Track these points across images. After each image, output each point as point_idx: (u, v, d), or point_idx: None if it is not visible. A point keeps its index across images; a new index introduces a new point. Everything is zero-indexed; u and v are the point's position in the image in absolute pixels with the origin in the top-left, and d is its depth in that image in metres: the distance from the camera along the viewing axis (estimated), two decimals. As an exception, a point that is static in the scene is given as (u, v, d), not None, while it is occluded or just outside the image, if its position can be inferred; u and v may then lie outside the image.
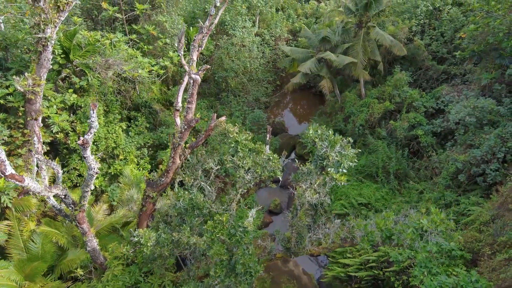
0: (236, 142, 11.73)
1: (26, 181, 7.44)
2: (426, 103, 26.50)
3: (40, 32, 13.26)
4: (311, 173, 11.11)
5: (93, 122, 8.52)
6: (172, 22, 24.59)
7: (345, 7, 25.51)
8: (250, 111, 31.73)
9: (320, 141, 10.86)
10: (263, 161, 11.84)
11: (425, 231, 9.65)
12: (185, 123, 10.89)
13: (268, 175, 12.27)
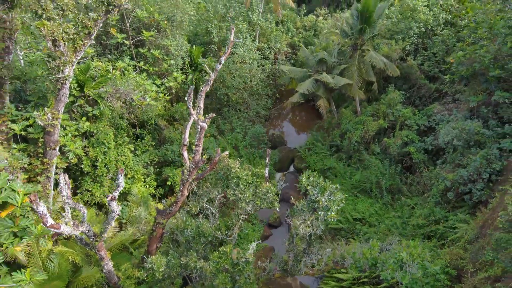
0: (238, 177, 12.97)
1: (62, 228, 8.72)
2: (418, 121, 27.80)
3: (59, 73, 14.57)
4: (304, 211, 12.39)
5: (120, 182, 9.86)
6: (176, 45, 25.88)
7: (341, 30, 26.81)
8: (251, 125, 33.03)
9: (312, 188, 12.16)
10: (262, 193, 13.10)
11: (404, 263, 10.92)
12: (193, 163, 12.16)
13: (267, 206, 13.53)
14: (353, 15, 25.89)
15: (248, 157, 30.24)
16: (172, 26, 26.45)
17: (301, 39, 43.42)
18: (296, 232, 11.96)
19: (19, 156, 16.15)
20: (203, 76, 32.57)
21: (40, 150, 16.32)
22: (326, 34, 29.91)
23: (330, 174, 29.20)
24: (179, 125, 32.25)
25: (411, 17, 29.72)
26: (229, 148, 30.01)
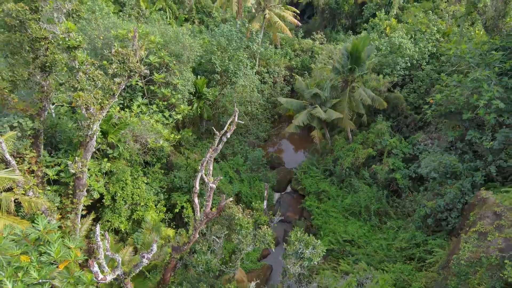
0: (240, 225, 15.55)
1: (108, 278, 11.33)
2: (404, 149, 30.46)
3: (89, 130, 17.26)
4: (293, 256, 15.02)
5: (153, 249, 12.65)
6: (183, 82, 28.55)
7: (333, 67, 29.49)
8: (251, 149, 35.67)
9: (298, 242, 14.78)
10: (261, 236, 15.70)
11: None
12: (204, 215, 14.77)
13: (264, 247, 16.15)
14: (343, 54, 28.56)
15: (249, 180, 32.88)
16: (180, 63, 29.13)
17: (299, 62, 46.07)
18: (287, 271, 14.60)
19: (52, 197, 18.87)
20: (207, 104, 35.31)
21: (70, 192, 18.99)
22: (320, 69, 32.57)
23: (324, 196, 31.84)
24: (185, 149, 34.96)
25: (398, 52, 32.35)
26: (231, 172, 32.66)
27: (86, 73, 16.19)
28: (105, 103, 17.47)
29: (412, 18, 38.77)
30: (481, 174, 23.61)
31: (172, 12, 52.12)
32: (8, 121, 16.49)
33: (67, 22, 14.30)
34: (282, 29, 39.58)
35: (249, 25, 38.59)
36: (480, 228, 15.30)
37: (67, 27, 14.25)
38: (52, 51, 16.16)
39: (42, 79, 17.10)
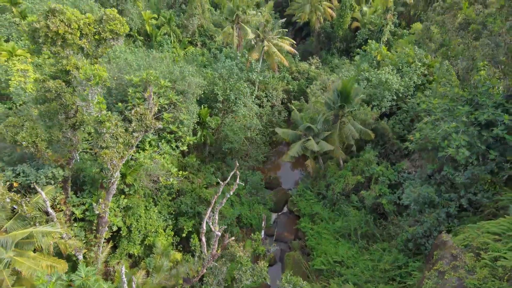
0: (241, 263, 18.41)
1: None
2: (390, 176, 33.40)
3: (111, 178, 20.25)
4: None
5: None
6: (189, 118, 31.51)
7: (326, 103, 32.46)
8: (251, 173, 38.62)
9: (288, 284, 17.68)
10: (258, 271, 18.61)
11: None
12: (210, 256, 17.62)
13: (261, 281, 19.08)
14: (334, 92, 31.53)
15: (249, 203, 35.84)
16: (185, 98, 32.11)
17: (295, 85, 49.00)
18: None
19: (78, 232, 21.89)
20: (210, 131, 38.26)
21: (94, 228, 22.00)
22: (314, 102, 35.52)
23: (317, 218, 34.79)
24: (190, 173, 37.88)
25: (386, 85, 35.28)
26: (232, 196, 35.57)
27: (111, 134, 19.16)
28: (125, 153, 20.48)
29: (400, 48, 41.72)
30: (455, 205, 26.53)
31: (176, 36, 55.12)
32: (44, 172, 19.45)
33: (100, 99, 17.27)
34: (280, 59, 42.52)
35: (249, 57, 41.58)
36: (439, 267, 18.19)
37: (100, 107, 17.21)
38: (81, 113, 19.18)
39: (72, 135, 20.10)
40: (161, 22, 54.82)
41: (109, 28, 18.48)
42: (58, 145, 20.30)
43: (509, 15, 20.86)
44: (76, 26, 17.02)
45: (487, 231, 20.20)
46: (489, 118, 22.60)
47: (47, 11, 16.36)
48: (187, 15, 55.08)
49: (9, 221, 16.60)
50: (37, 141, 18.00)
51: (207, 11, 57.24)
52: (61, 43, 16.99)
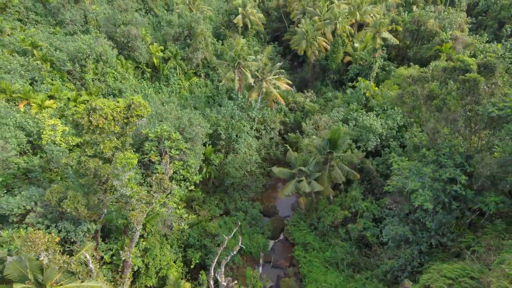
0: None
1: None
2: (374, 211, 37.75)
3: (135, 231, 24.63)
4: None
5: None
6: (196, 162, 35.84)
7: (317, 147, 36.82)
8: (250, 204, 42.98)
9: None
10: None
11: None
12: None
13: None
14: (324, 140, 35.91)
15: (249, 233, 40.16)
16: (193, 143, 36.46)
17: (292, 118, 53.27)
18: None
19: (106, 272, 26.27)
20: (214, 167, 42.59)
21: (120, 270, 26.40)
22: (306, 145, 39.82)
23: (309, 247, 39.11)
24: (196, 205, 42.27)
25: (370, 129, 39.65)
26: (234, 227, 39.91)
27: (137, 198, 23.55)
28: (146, 210, 24.89)
29: (386, 89, 46.08)
30: (426, 243, 30.88)
31: (182, 68, 59.51)
32: (81, 228, 23.82)
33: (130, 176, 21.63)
34: (277, 98, 46.90)
35: (249, 97, 45.95)
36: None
37: (131, 186, 21.57)
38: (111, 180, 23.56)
39: (103, 197, 24.49)
40: (168, 56, 59.16)
41: (135, 114, 22.85)
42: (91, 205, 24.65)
43: (463, 95, 25.24)
44: (111, 117, 21.36)
45: (444, 275, 24.60)
46: (450, 176, 26.93)
47: (90, 109, 20.70)
48: (192, 49, 59.45)
49: (59, 274, 20.96)
50: (78, 206, 22.37)
51: (210, 45, 61.63)
52: (99, 131, 21.32)
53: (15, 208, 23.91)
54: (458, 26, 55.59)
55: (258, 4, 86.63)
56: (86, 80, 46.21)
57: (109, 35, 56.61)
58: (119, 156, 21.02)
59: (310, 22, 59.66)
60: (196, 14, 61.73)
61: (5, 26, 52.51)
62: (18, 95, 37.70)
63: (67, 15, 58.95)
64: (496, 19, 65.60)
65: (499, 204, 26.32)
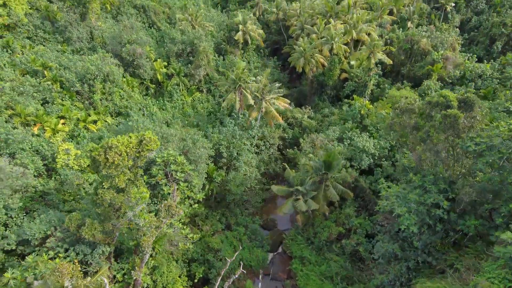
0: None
1: None
2: (366, 227, 40.15)
3: (146, 254, 27.03)
4: None
5: None
6: (199, 182, 38.21)
7: (313, 167, 39.22)
8: (250, 219, 45.40)
9: None
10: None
11: None
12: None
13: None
14: (319, 161, 38.32)
15: (249, 248, 42.55)
16: (196, 164, 38.85)
17: (290, 133, 55.63)
18: None
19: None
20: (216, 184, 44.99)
21: (131, 287, 28.79)
22: (303, 165, 42.23)
23: (306, 261, 41.49)
24: (199, 220, 44.64)
25: (363, 150, 42.06)
26: (235, 242, 42.32)
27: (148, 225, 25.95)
28: (155, 233, 27.29)
29: (380, 109, 48.50)
30: (413, 261, 33.27)
31: (184, 85, 61.93)
32: (97, 251, 26.22)
33: (143, 207, 24.03)
34: (276, 118, 49.32)
35: (249, 116, 48.37)
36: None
37: (146, 218, 23.98)
38: (124, 208, 25.96)
39: (116, 222, 26.91)
40: (171, 72, 61.59)
41: (146, 148, 25.25)
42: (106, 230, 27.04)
43: (445, 129, 27.63)
44: (125, 154, 23.74)
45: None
46: (434, 201, 29.31)
47: (106, 147, 23.09)
48: (194, 66, 61.88)
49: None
50: (95, 233, 24.77)
51: (212, 61, 64.07)
52: (114, 166, 23.71)
53: (36, 233, 26.33)
54: (449, 45, 57.97)
55: (258, 17, 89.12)
56: (94, 100, 48.59)
57: (115, 53, 59.01)
58: (133, 191, 23.46)
59: (308, 40, 62.06)
60: (198, 31, 64.13)
61: (16, 46, 54.93)
62: (32, 118, 40.10)
63: (74, 33, 61.38)
64: (487, 36, 68.03)
65: (479, 226, 28.72)
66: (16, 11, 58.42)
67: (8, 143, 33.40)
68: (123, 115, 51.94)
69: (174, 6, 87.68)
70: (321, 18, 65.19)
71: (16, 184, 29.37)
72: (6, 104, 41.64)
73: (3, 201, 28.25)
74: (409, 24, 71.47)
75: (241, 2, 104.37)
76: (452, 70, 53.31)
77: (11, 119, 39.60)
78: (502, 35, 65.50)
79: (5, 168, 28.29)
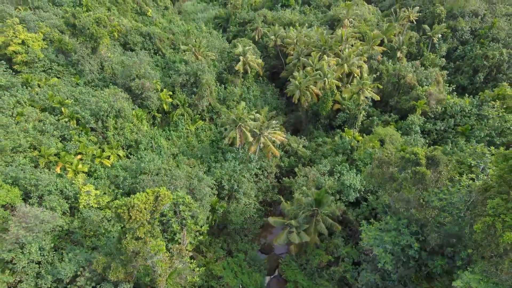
0: None
1: None
2: (353, 256, 44.98)
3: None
4: None
5: None
6: (204, 218, 43.02)
7: (305, 203, 44.06)
8: (250, 246, 50.26)
9: None
10: None
11: None
12: None
13: None
14: (311, 199, 43.16)
15: (248, 273, 47.40)
16: (201, 202, 43.69)
17: (286, 162, 60.43)
18: None
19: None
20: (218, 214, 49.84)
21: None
22: (297, 200, 47.05)
23: (299, 285, 46.32)
24: (203, 247, 49.49)
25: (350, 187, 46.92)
26: (235, 267, 47.18)
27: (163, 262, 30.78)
28: (168, 272, 32.14)
29: (368, 144, 53.35)
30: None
31: (189, 114, 66.79)
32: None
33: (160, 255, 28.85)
34: (273, 151, 54.18)
35: (248, 151, 53.25)
36: None
37: (161, 265, 28.81)
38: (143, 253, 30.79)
39: (135, 263, 31.77)
40: (176, 103, 66.44)
41: (162, 203, 30.10)
42: (126, 269, 31.88)
43: (415, 183, 32.49)
44: (144, 211, 28.58)
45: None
46: (407, 243, 34.15)
47: (129, 206, 27.93)
48: (198, 96, 66.74)
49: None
50: (119, 275, 29.62)
51: (214, 92, 68.96)
52: (135, 222, 28.55)
53: (68, 273, 31.19)
54: (434, 79, 62.82)
55: (257, 40, 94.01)
56: (108, 135, 53.43)
57: (125, 87, 63.91)
58: (152, 244, 28.34)
59: (303, 73, 66.94)
60: (201, 63, 68.96)
61: (34, 82, 59.80)
62: (55, 159, 44.95)
63: (86, 66, 66.27)
64: (471, 66, 72.90)
65: (444, 265, 33.60)
66: (33, 48, 63.28)
67: (37, 187, 38.24)
68: (133, 147, 56.76)
69: (178, 32, 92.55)
70: (315, 52, 70.05)
71: (48, 227, 34.21)
72: (30, 144, 46.54)
73: (38, 243, 33.10)
74: (398, 53, 76.28)
75: (241, 24, 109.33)
76: (434, 105, 58.13)
77: (37, 160, 44.46)
78: (484, 67, 70.37)
79: (40, 215, 33.11)
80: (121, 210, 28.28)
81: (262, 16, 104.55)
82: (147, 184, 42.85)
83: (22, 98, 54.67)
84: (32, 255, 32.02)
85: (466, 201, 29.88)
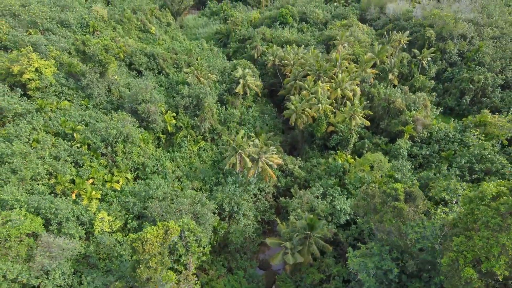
0: None
1: None
2: (343, 274, 49.19)
3: None
4: None
5: None
6: (207, 240, 47.17)
7: (300, 227, 48.26)
8: (249, 263, 54.48)
9: None
10: None
11: None
12: None
13: None
14: (304, 223, 47.37)
15: (247, 290, 51.64)
16: (204, 227, 47.88)
17: (283, 182, 64.65)
18: None
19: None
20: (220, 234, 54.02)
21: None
22: (292, 222, 51.23)
23: (294, 301, 50.53)
24: (206, 264, 53.67)
25: (340, 211, 51.16)
26: (236, 284, 51.36)
27: None
28: None
29: (358, 168, 57.58)
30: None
31: (191, 136, 71.01)
32: (133, 310, 35.24)
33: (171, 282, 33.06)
34: (271, 175, 58.40)
35: (247, 175, 57.48)
36: None
37: (167, 275, 33.01)
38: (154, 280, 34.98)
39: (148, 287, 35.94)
40: (180, 125, 70.64)
41: (171, 235, 34.28)
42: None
43: (394, 216, 36.69)
44: (156, 244, 32.77)
45: None
46: (388, 268, 38.34)
47: (143, 241, 32.09)
48: (200, 118, 70.97)
49: None
50: (133, 299, 33.82)
51: (215, 114, 73.20)
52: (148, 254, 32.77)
53: (89, 297, 35.41)
54: (421, 103, 67.07)
55: (257, 58, 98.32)
56: (117, 160, 57.63)
57: (131, 110, 68.10)
58: (163, 275, 32.54)
59: (300, 97, 71.20)
60: (203, 87, 73.14)
61: (47, 108, 63.95)
62: (70, 186, 49.14)
63: (95, 90, 70.48)
64: (458, 89, 77.17)
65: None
66: (45, 74, 67.47)
67: (57, 215, 42.42)
68: (140, 170, 60.98)
69: (180, 51, 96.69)
70: (311, 76, 74.32)
71: (69, 254, 38.40)
72: (47, 171, 50.72)
73: (60, 270, 37.29)
74: (390, 75, 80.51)
75: (241, 41, 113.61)
76: (421, 130, 62.36)
77: (54, 186, 48.66)
78: (470, 90, 74.65)
79: (62, 244, 37.31)
80: (136, 244, 32.48)
81: (261, 34, 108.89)
82: (155, 210, 47.04)
83: (37, 125, 58.81)
84: (56, 280, 36.21)
85: (437, 235, 34.09)
